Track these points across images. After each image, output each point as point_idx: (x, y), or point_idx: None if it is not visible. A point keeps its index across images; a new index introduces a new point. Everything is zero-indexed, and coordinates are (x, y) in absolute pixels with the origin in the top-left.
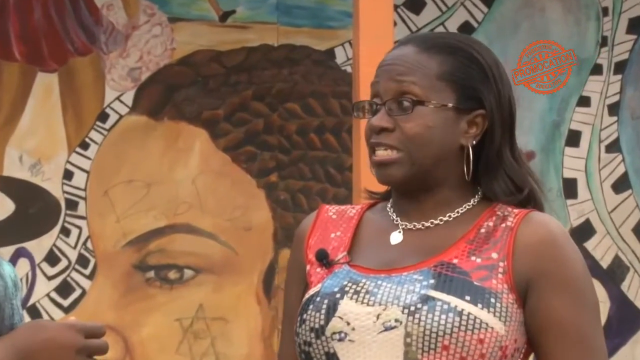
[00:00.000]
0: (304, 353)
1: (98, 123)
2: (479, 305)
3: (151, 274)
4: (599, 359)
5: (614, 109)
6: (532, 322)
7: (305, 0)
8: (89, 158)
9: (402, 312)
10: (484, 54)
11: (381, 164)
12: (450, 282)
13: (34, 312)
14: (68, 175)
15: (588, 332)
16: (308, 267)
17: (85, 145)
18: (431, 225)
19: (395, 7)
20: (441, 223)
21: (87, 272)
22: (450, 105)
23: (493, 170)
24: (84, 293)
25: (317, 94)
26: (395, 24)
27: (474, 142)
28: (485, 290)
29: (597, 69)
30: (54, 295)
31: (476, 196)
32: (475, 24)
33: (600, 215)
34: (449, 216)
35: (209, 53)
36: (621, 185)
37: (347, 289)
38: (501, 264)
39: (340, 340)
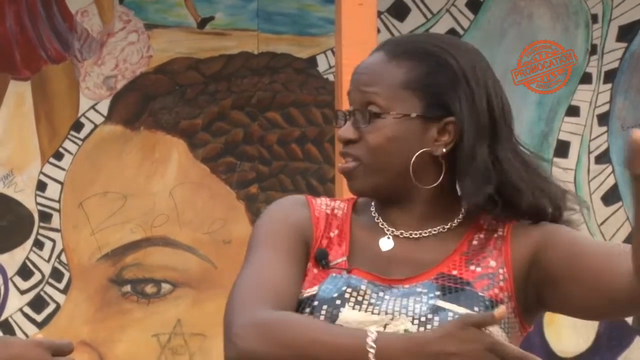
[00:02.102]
0: None
1: (72, 133)
2: None
3: (127, 288)
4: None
5: (603, 119)
6: (553, 282)
7: (286, 6)
8: (63, 169)
9: (412, 323)
10: (460, 58)
11: (344, 174)
12: (456, 293)
13: (7, 327)
14: (41, 186)
15: (601, 243)
16: (310, 264)
17: (59, 156)
18: (420, 237)
19: (379, 13)
20: (429, 235)
21: (61, 286)
22: (413, 115)
23: (464, 177)
24: (58, 308)
25: (299, 103)
26: (378, 31)
27: (445, 150)
28: (489, 300)
29: (586, 78)
30: (27, 310)
31: (462, 211)
32: (461, 31)
33: (590, 228)
34: (436, 230)
35: (187, 61)
36: (611, 197)
37: (346, 295)
38: (501, 270)
39: None
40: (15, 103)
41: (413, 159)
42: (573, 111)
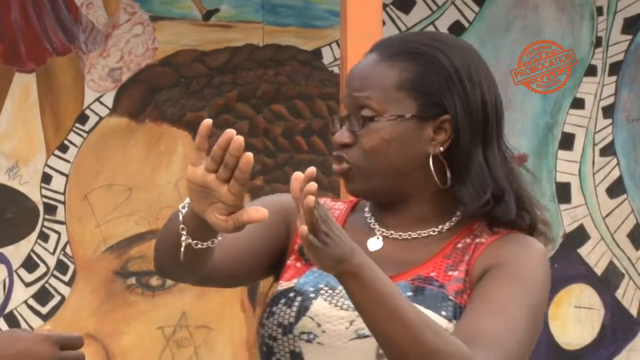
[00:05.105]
0: (266, 346)
1: (77, 125)
2: (454, 322)
3: (132, 280)
4: (510, 335)
5: (608, 112)
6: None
7: None
8: (68, 161)
9: None
10: (452, 56)
11: (340, 175)
12: (427, 295)
13: (12, 319)
14: (46, 178)
15: (511, 307)
16: (292, 258)
17: (64, 148)
18: (410, 238)
19: (384, 5)
20: (419, 237)
21: (66, 278)
22: (407, 115)
23: (461, 176)
24: (63, 300)
25: (304, 95)
26: (384, 23)
27: (442, 148)
28: (459, 306)
29: (591, 70)
30: (32, 302)
31: (457, 213)
32: (466, 24)
33: (595, 221)
34: (426, 232)
35: (192, 53)
36: (616, 189)
37: (322, 291)
38: (467, 278)
39: (308, 341)
40: (20, 95)
41: (414, 160)
42: (578, 104)
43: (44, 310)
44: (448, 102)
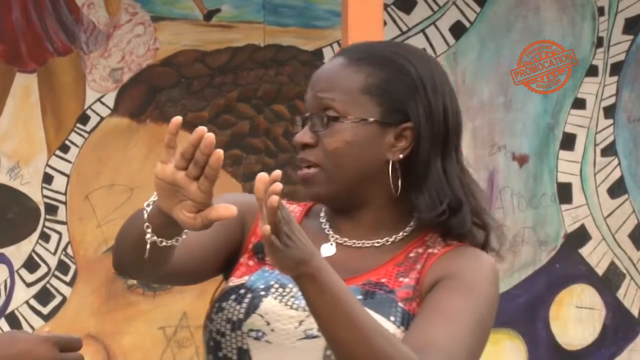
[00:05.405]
0: (214, 341)
1: (78, 125)
2: (402, 328)
3: (133, 280)
4: (458, 345)
5: (609, 112)
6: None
7: None
8: (69, 161)
9: None
10: (419, 66)
11: (303, 180)
12: (377, 299)
13: (13, 320)
14: (47, 179)
15: (460, 318)
16: (245, 256)
17: (65, 148)
18: (363, 246)
19: (385, 6)
20: (371, 246)
21: (67, 278)
22: (370, 119)
23: (418, 184)
24: (64, 300)
25: (305, 95)
26: (385, 23)
27: (401, 155)
28: (407, 313)
29: (592, 70)
30: (33, 302)
31: (411, 223)
32: (467, 24)
33: (596, 221)
34: (380, 242)
35: (193, 53)
36: (617, 189)
37: (272, 289)
38: (417, 286)
39: (256, 338)
40: (22, 95)
41: (373, 165)
42: (579, 104)
43: (45, 310)
44: (411, 110)
